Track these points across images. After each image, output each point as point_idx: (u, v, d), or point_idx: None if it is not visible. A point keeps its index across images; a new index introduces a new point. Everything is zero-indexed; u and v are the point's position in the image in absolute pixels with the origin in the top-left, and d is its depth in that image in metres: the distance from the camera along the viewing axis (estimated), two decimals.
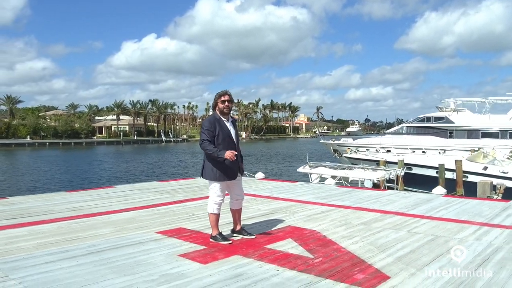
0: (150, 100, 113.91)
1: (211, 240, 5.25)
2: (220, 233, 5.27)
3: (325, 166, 16.06)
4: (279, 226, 6.12)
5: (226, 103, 5.18)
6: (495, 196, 13.46)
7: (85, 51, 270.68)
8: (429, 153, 28.55)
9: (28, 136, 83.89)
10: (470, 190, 16.32)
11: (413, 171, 21.45)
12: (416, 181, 20.55)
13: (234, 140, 5.26)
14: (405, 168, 20.20)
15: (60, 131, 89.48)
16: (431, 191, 11.06)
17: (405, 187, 18.47)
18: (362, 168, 15.43)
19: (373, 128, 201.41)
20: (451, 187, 18.73)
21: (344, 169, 15.33)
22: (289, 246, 5.07)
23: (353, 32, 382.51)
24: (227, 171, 5.14)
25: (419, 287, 3.72)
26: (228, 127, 5.22)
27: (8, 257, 4.60)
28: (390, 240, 5.30)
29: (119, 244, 5.13)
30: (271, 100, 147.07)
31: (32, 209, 7.43)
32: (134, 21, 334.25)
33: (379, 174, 14.60)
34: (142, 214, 7.05)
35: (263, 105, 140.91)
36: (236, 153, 5.06)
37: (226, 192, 5.42)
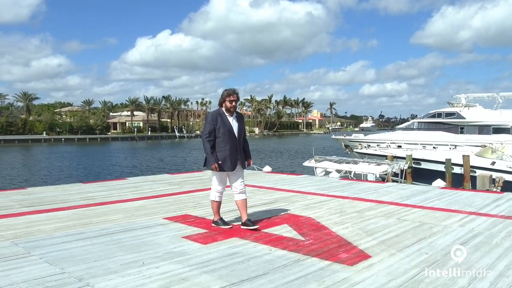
0: (163, 97, 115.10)
1: (213, 225, 5.71)
2: (221, 218, 5.71)
3: (330, 160, 16.45)
4: (278, 213, 6.56)
5: (234, 103, 5.52)
6: (494, 189, 13.71)
7: (100, 48, 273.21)
8: (439, 149, 28.68)
9: (44, 132, 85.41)
10: None
11: (421, 166, 21.73)
12: (424, 176, 20.80)
13: (236, 134, 5.57)
14: (414, 163, 20.47)
15: (75, 127, 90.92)
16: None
17: (413, 182, 18.76)
18: (366, 162, 15.78)
19: (387, 124, 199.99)
20: (459, 181, 19.01)
21: (348, 163, 15.70)
22: (284, 230, 5.51)
23: (369, 27, 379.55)
24: (226, 163, 5.51)
25: (395, 265, 4.13)
26: (231, 121, 5.57)
27: (29, 238, 5.12)
28: (379, 226, 5.71)
29: (129, 228, 5.62)
30: (284, 96, 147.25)
31: (49, 198, 7.97)
32: (149, 17, 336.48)
33: (382, 168, 14.95)
34: (151, 203, 7.55)
35: (276, 101, 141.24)
36: (217, 164, 5.41)
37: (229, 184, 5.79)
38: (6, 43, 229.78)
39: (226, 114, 5.57)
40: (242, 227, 5.59)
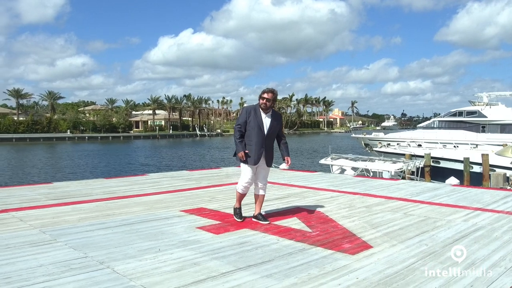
0: (185, 95, 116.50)
1: (234, 207, 5.99)
2: (239, 209, 5.93)
3: (346, 158, 16.62)
4: (289, 207, 6.85)
5: (265, 100, 5.68)
6: (508, 187, 13.70)
7: (123, 47, 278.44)
8: (460, 148, 28.47)
9: (68, 131, 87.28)
10: None
11: (440, 165, 21.68)
12: (443, 174, 20.77)
13: (265, 131, 5.69)
14: (433, 161, 20.45)
15: (98, 126, 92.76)
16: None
17: (432, 180, 18.78)
18: (382, 160, 15.90)
19: (409, 122, 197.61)
20: (478, 180, 18.94)
21: (364, 161, 15.85)
22: (293, 222, 5.80)
23: (393, 24, 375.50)
24: (250, 157, 5.70)
25: (395, 254, 4.37)
26: (263, 118, 5.70)
27: (55, 227, 5.54)
28: (385, 220, 5.94)
29: (147, 219, 5.99)
30: (306, 94, 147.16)
31: (74, 192, 8.43)
32: (171, 16, 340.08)
33: (397, 166, 15.06)
34: (169, 197, 7.93)
35: (296, 99, 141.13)
36: (244, 153, 5.61)
37: None
38: (32, 43, 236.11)
39: (261, 110, 5.74)
40: (253, 219, 5.89)
